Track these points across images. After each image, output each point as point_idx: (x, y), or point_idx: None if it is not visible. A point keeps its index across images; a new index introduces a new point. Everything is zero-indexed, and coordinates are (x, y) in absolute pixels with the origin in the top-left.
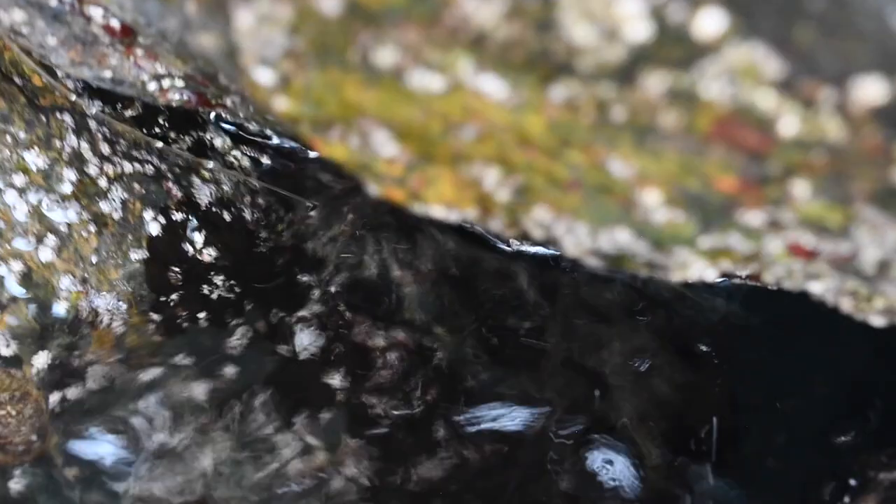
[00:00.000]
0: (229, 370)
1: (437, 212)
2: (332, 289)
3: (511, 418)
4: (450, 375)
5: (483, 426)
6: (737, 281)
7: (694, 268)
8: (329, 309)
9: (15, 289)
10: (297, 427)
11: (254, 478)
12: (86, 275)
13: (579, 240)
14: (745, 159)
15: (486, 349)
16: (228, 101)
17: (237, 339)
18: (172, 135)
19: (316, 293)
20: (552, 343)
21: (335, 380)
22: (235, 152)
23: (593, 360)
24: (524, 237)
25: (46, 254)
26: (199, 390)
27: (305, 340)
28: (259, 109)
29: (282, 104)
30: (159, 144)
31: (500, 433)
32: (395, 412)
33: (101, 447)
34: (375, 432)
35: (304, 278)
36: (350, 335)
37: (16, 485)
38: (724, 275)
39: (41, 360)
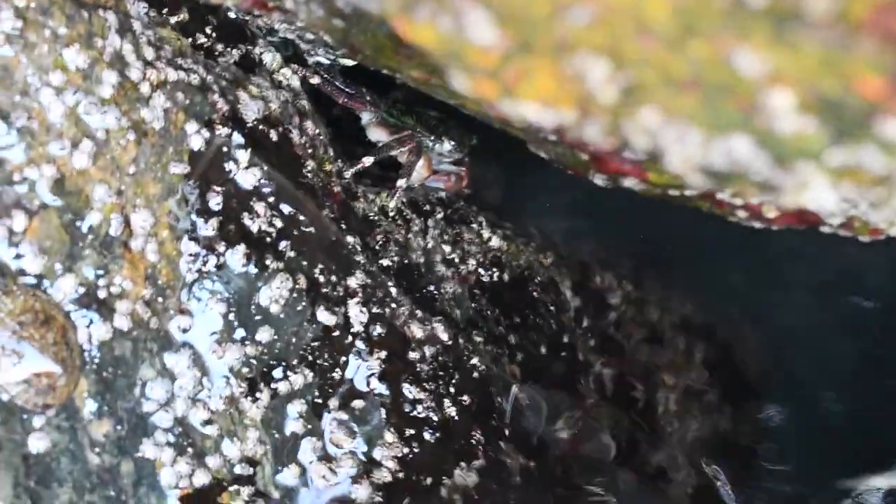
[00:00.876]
0: (264, 333)
1: (531, 111)
2: (381, 261)
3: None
4: (484, 384)
5: (516, 440)
6: (826, 230)
7: (814, 189)
8: (375, 282)
9: (46, 195)
10: (331, 418)
11: (278, 474)
12: (122, 186)
13: (688, 151)
14: None
15: (522, 365)
16: (289, 2)
17: (276, 289)
18: (219, 47)
19: (362, 259)
20: (590, 367)
21: (374, 364)
22: (285, 70)
23: (637, 383)
24: (622, 148)
25: (81, 160)
26: (230, 356)
27: (349, 313)
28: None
29: None
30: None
31: (532, 449)
32: (431, 412)
33: (127, 403)
34: (411, 431)
35: (351, 239)
36: (391, 318)
37: (38, 441)
38: (815, 221)
39: (69, 283)
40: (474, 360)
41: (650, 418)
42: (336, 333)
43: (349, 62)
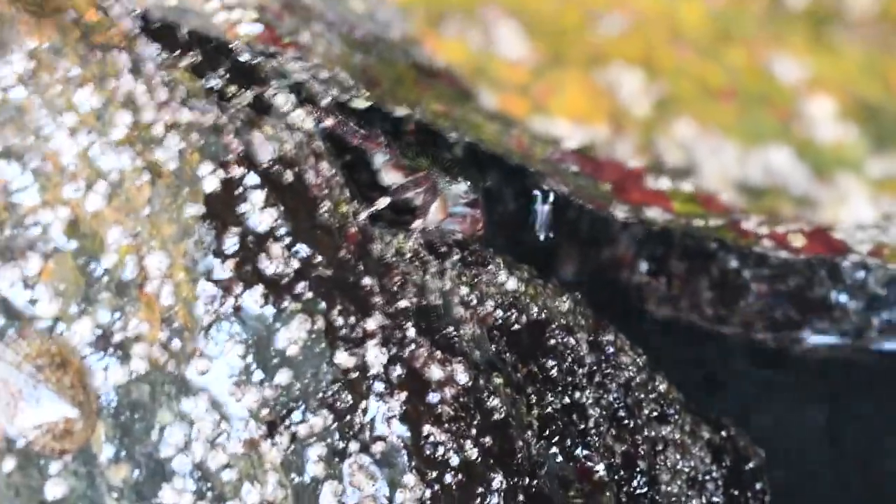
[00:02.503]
0: (283, 375)
1: (561, 128)
2: (399, 303)
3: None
4: (505, 426)
5: (533, 489)
6: (854, 258)
7: (853, 202)
8: (393, 323)
9: (60, 238)
10: (351, 461)
11: None
12: (137, 228)
13: (724, 165)
14: None
15: (538, 419)
16: (305, 37)
17: (294, 331)
18: (232, 89)
19: (379, 301)
20: (600, 435)
21: (394, 406)
22: (298, 112)
23: (641, 462)
24: (655, 166)
25: (96, 202)
26: (249, 398)
27: (368, 355)
28: (353, 21)
29: None
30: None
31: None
32: (453, 454)
33: (145, 448)
34: (433, 474)
35: (368, 280)
36: (411, 359)
37: (55, 487)
38: (843, 249)
39: (85, 326)
40: (494, 402)
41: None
42: (355, 375)
43: (362, 104)
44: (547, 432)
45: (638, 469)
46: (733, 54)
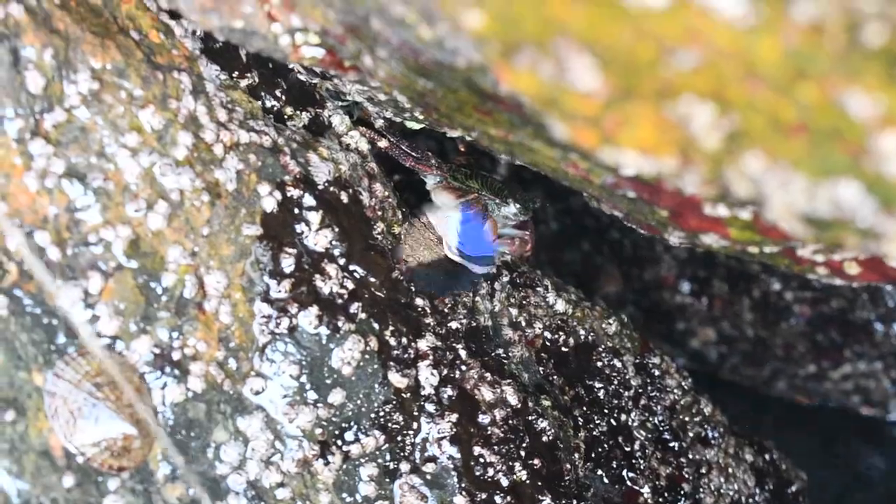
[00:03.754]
0: (336, 395)
1: (630, 159)
2: (450, 324)
3: None
4: (553, 448)
5: None
6: None
7: None
8: (444, 345)
9: (121, 256)
10: (402, 481)
11: None
12: (196, 248)
13: (792, 198)
14: None
15: (584, 438)
16: (367, 61)
17: (348, 351)
18: (288, 110)
19: (431, 322)
20: (645, 457)
21: (445, 427)
22: (353, 133)
23: (686, 485)
24: (721, 196)
25: (156, 221)
26: (303, 418)
27: (420, 376)
28: (418, 47)
29: (472, 20)
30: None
31: None
32: (502, 475)
33: (201, 467)
34: (482, 495)
35: (420, 301)
36: (462, 380)
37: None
38: None
39: (144, 344)
40: (543, 424)
41: None
42: (407, 396)
43: (415, 125)
44: (593, 454)
45: (682, 492)
46: (805, 90)
